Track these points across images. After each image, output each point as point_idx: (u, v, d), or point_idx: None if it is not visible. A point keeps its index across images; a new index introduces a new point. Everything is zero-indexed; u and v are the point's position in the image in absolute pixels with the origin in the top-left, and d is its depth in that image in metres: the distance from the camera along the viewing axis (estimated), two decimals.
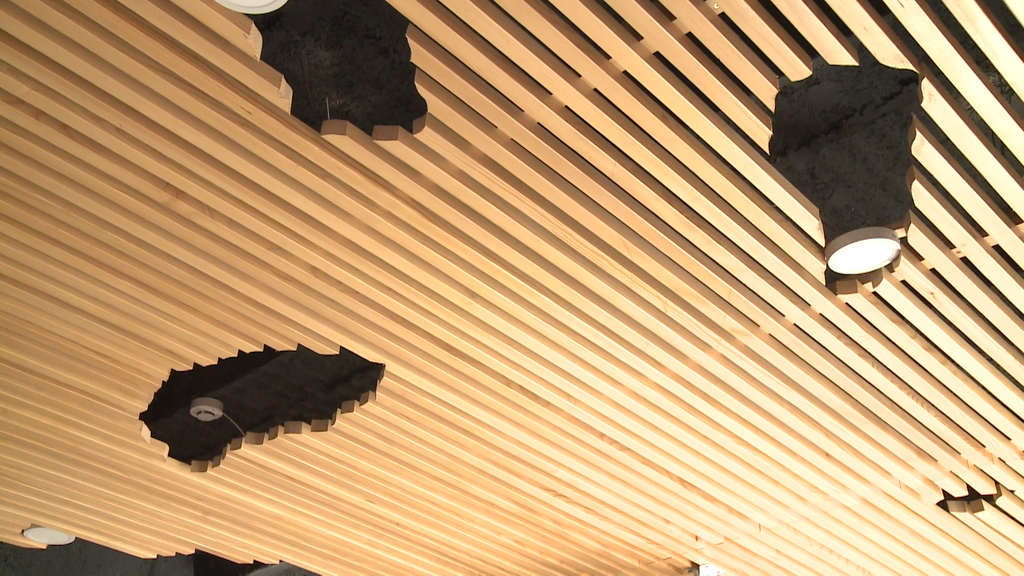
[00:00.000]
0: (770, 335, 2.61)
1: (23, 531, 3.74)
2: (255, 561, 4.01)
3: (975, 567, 3.69)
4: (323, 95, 2.45)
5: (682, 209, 2.22)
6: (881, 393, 2.80)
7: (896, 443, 3.00)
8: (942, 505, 3.33)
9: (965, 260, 2.35)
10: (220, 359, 2.76)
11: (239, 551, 3.90)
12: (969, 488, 3.24)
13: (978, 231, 2.27)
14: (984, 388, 2.76)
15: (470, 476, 3.27)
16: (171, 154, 2.08)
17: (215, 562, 4.58)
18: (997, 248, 2.32)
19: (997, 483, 3.18)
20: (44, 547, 4.06)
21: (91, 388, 2.85)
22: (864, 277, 2.42)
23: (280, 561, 3.97)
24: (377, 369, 2.85)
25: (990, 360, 2.66)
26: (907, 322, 2.54)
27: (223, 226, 2.26)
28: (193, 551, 3.92)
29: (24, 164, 2.09)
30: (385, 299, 2.49)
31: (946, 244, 2.30)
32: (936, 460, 3.07)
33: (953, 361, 2.66)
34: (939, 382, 2.74)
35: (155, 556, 4.01)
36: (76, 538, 3.85)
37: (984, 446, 3.00)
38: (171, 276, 2.41)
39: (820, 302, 2.48)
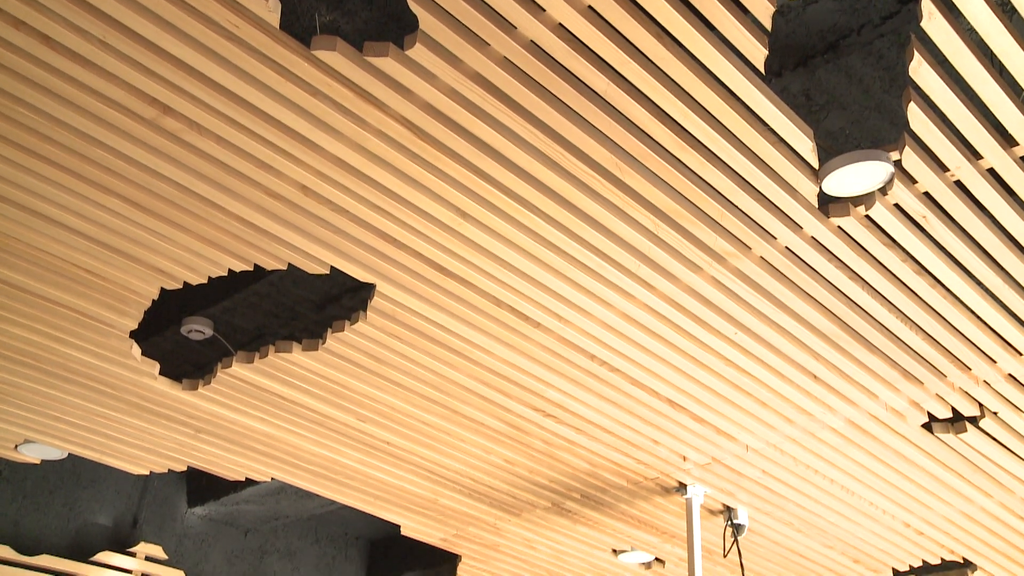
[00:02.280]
0: (761, 257, 2.61)
1: (16, 446, 3.77)
2: (247, 478, 4.05)
3: (957, 487, 3.75)
4: (313, 10, 2.40)
5: (675, 130, 2.20)
6: (870, 316, 2.82)
7: (883, 365, 3.02)
8: (926, 427, 3.37)
9: (958, 183, 2.34)
10: (210, 278, 2.76)
11: (231, 468, 3.94)
12: (953, 410, 3.28)
13: (973, 154, 2.25)
14: (972, 311, 2.77)
15: (460, 396, 3.29)
16: (157, 68, 2.04)
17: (207, 479, 4.63)
18: (991, 171, 2.30)
19: (981, 405, 3.22)
20: (38, 462, 4.09)
21: (81, 306, 2.85)
22: (857, 200, 2.41)
23: (272, 479, 4.01)
24: (367, 289, 2.84)
25: (979, 284, 2.67)
26: (898, 245, 2.54)
27: (211, 143, 2.23)
28: (185, 468, 3.96)
29: (4, 75, 2.05)
30: (375, 218, 2.47)
31: (940, 167, 2.28)
32: (922, 382, 3.10)
33: (942, 284, 2.67)
34: (928, 305, 2.75)
35: (148, 472, 4.05)
36: (69, 454, 3.88)
37: (970, 369, 3.03)
38: (159, 194, 2.39)
39: (812, 225, 2.47)
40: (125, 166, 2.30)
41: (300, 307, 3.30)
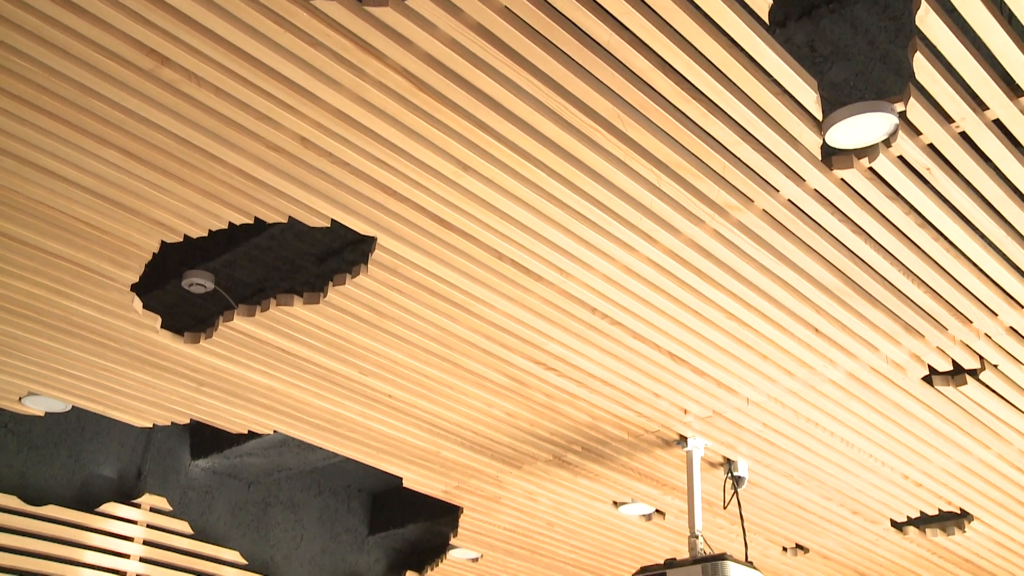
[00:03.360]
0: (764, 210, 2.60)
1: (20, 398, 3.78)
2: (249, 431, 4.08)
3: (956, 439, 3.77)
4: None
5: (678, 81, 2.18)
6: (872, 269, 2.81)
7: (885, 319, 3.02)
8: (927, 380, 3.38)
9: (963, 135, 2.32)
10: (210, 231, 2.75)
11: (233, 421, 3.96)
12: (954, 363, 3.28)
13: (978, 104, 2.23)
14: (974, 264, 2.77)
15: (461, 349, 3.30)
16: (155, 18, 2.02)
17: (210, 432, 4.66)
18: (997, 122, 2.28)
19: (981, 358, 3.23)
20: (42, 414, 4.11)
21: (81, 259, 2.85)
22: (860, 152, 2.40)
23: (274, 432, 4.03)
24: (368, 242, 2.84)
25: (982, 236, 2.66)
26: (901, 198, 2.53)
27: (210, 94, 2.21)
28: (188, 421, 3.98)
29: (1, 26, 2.03)
30: (376, 171, 2.46)
31: (945, 118, 2.26)
32: (923, 335, 3.11)
33: (945, 237, 2.66)
34: (930, 258, 2.74)
35: (151, 425, 4.07)
36: (73, 407, 3.90)
37: (971, 321, 3.02)
38: (158, 145, 2.38)
39: (815, 177, 2.46)
40: (123, 117, 2.28)
41: (301, 260, 3.30)
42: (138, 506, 4.50)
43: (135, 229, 2.72)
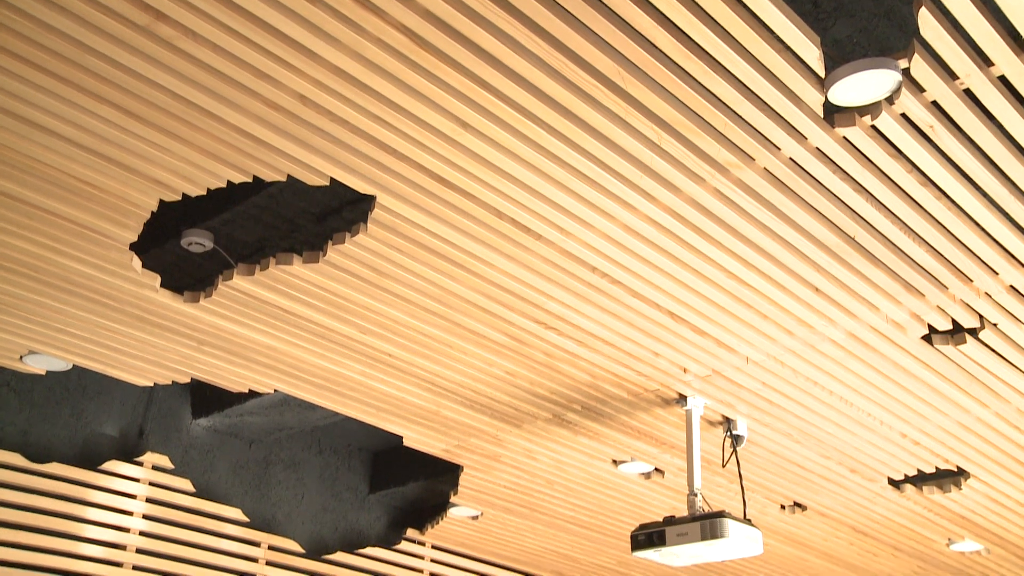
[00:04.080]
0: (765, 169, 2.58)
1: (21, 357, 3.79)
2: (250, 390, 4.09)
3: (954, 398, 3.78)
4: None
5: (679, 37, 2.16)
6: (873, 228, 2.80)
7: (885, 278, 3.02)
8: (926, 339, 3.38)
9: (968, 92, 2.30)
10: (209, 190, 2.74)
11: (234, 380, 3.97)
12: (954, 322, 3.28)
13: (984, 61, 2.21)
14: (976, 222, 2.76)
15: (461, 308, 3.30)
16: None
17: (211, 391, 4.68)
18: (1002, 79, 2.26)
19: (981, 317, 3.23)
20: (43, 373, 4.13)
21: (79, 217, 2.84)
22: (863, 110, 2.38)
23: (275, 391, 4.05)
24: (368, 201, 2.82)
25: (984, 194, 2.65)
26: (904, 156, 2.51)
27: (207, 51, 2.19)
28: (189, 380, 3.99)
29: None
30: (375, 128, 2.45)
31: (949, 75, 2.24)
32: (923, 295, 3.10)
33: (947, 195, 2.65)
34: (932, 217, 2.73)
35: (152, 384, 4.09)
36: (74, 365, 3.91)
37: (972, 280, 3.02)
38: (155, 103, 2.36)
39: (817, 135, 2.44)
40: (119, 74, 2.26)
41: (300, 219, 3.29)
42: (140, 464, 4.53)
43: (133, 187, 2.71)
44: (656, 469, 4.71)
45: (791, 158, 2.54)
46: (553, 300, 3.22)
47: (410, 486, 5.35)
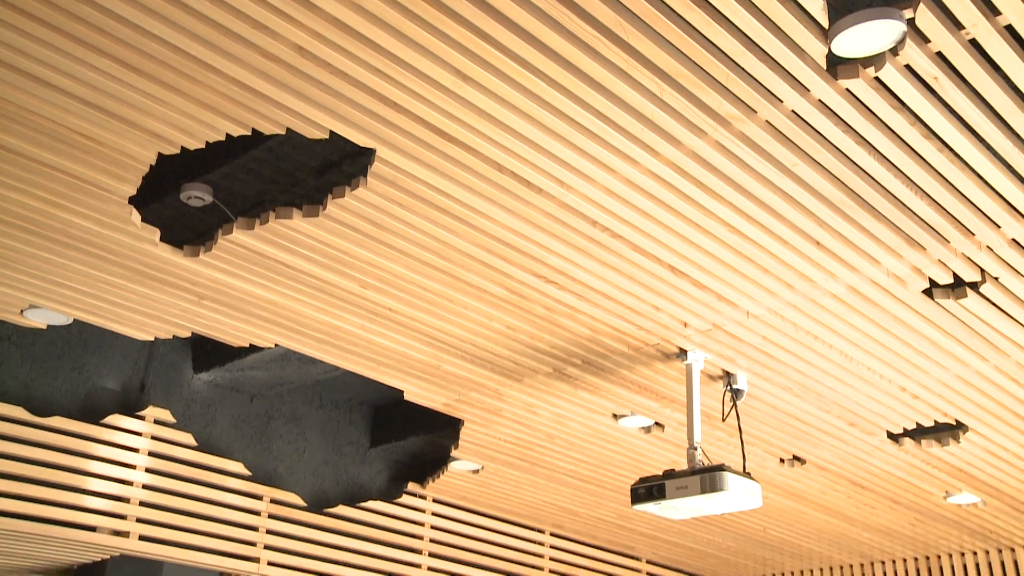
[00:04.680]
0: (767, 121, 2.56)
1: (22, 311, 3.79)
2: (251, 345, 4.10)
3: (954, 351, 3.79)
4: None
5: None
6: (875, 181, 2.79)
7: (887, 231, 3.01)
8: (927, 293, 3.38)
9: (973, 42, 2.28)
10: (208, 143, 2.72)
11: (234, 335, 3.98)
12: (955, 276, 3.28)
13: (990, 9, 2.18)
14: (979, 175, 2.74)
15: (461, 262, 3.29)
16: None
17: (212, 345, 4.68)
18: (1009, 28, 2.24)
19: (982, 270, 3.22)
20: (44, 327, 4.13)
21: (78, 171, 2.82)
22: (867, 61, 2.35)
23: (275, 345, 4.05)
24: (367, 154, 2.81)
25: (988, 147, 2.63)
26: (907, 108, 2.49)
27: (204, 2, 2.16)
28: (189, 334, 4.00)
29: None
30: (374, 81, 2.42)
31: (955, 25, 2.22)
32: (925, 248, 3.10)
33: (950, 148, 2.63)
34: (934, 170, 2.72)
35: (152, 339, 4.09)
36: (75, 320, 3.91)
37: (974, 234, 3.01)
38: (152, 55, 2.34)
39: (820, 87, 2.42)
40: (116, 25, 2.23)
41: (300, 173, 3.27)
42: (142, 418, 4.55)
43: (131, 140, 2.69)
44: (656, 423, 4.73)
45: (793, 110, 2.52)
46: (553, 254, 3.22)
47: (411, 440, 5.38)
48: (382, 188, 2.88)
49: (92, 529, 4.29)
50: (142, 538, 4.43)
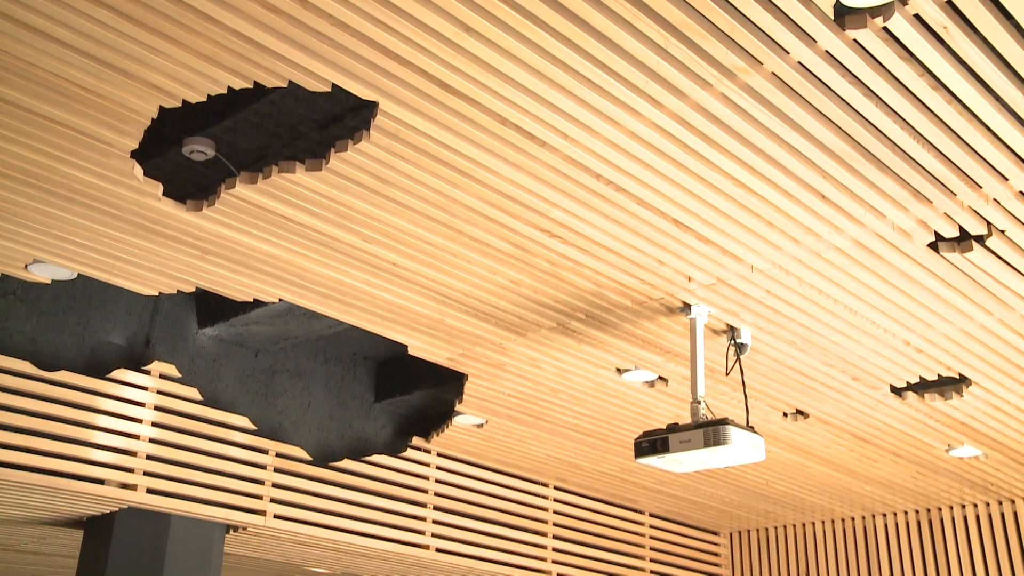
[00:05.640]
0: (772, 73, 2.54)
1: (26, 266, 3.79)
2: (255, 300, 4.10)
3: (958, 305, 3.78)
4: None
5: None
6: (882, 134, 2.77)
7: (893, 184, 2.99)
8: (932, 246, 3.37)
9: None
10: (209, 96, 2.70)
11: (238, 290, 3.98)
12: (961, 229, 3.26)
13: None
14: (988, 127, 2.72)
15: (465, 216, 3.28)
16: None
17: (216, 300, 4.69)
18: None
19: (989, 224, 3.20)
20: (49, 282, 4.13)
21: (78, 124, 2.80)
22: (875, 11, 2.32)
23: (279, 300, 4.06)
24: (370, 107, 2.79)
25: (997, 98, 2.60)
26: (915, 59, 2.46)
27: None
28: (194, 289, 4.00)
29: None
30: (377, 33, 2.40)
31: None
32: (931, 201, 3.08)
33: (959, 100, 2.61)
34: (942, 122, 2.69)
35: (157, 294, 4.09)
36: (79, 274, 3.91)
37: (981, 187, 2.99)
38: (152, 6, 2.31)
39: (827, 38, 2.39)
40: None
41: (302, 126, 3.25)
42: (148, 373, 4.57)
43: (132, 93, 2.67)
44: (660, 377, 4.74)
45: (800, 62, 2.49)
46: (557, 208, 3.20)
47: (415, 395, 5.40)
48: (385, 142, 2.86)
49: (100, 482, 4.32)
50: (149, 491, 4.47)
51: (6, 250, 3.63)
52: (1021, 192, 3.02)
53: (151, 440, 4.52)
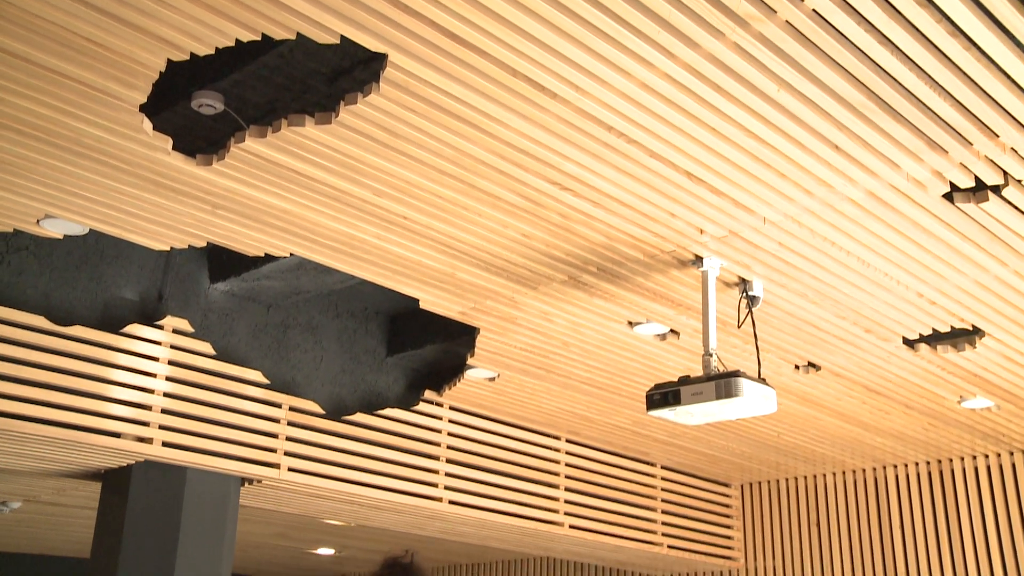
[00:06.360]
0: (787, 22, 2.50)
1: (38, 221, 3.79)
2: (266, 254, 4.10)
3: (973, 256, 3.76)
4: None
5: None
6: (898, 82, 2.73)
7: (907, 135, 2.96)
8: (947, 197, 3.34)
9: None
10: (217, 49, 2.68)
11: (250, 244, 3.98)
12: (976, 179, 3.23)
13: None
14: (1006, 74, 2.67)
15: (476, 169, 3.26)
16: None
17: (228, 255, 4.69)
18: None
19: (1006, 173, 3.17)
20: (61, 237, 4.14)
21: (86, 77, 2.79)
22: None
23: (291, 255, 4.06)
24: (380, 60, 2.76)
25: (1018, 44, 2.56)
26: (933, 5, 2.42)
27: None
28: (205, 244, 4.00)
29: None
30: None
31: None
32: (947, 151, 3.05)
33: (977, 46, 2.56)
34: (960, 69, 2.65)
35: (168, 249, 4.10)
36: (91, 230, 3.91)
37: (998, 135, 2.96)
38: None
39: None
40: None
41: (311, 79, 3.22)
42: (161, 327, 4.59)
43: (139, 46, 2.65)
44: (671, 330, 4.74)
45: (814, 9, 2.45)
46: (568, 160, 3.18)
47: (427, 349, 5.41)
48: (395, 94, 2.84)
49: (116, 435, 4.36)
50: (165, 444, 4.50)
51: (18, 205, 3.63)
52: None
53: (165, 394, 4.55)
